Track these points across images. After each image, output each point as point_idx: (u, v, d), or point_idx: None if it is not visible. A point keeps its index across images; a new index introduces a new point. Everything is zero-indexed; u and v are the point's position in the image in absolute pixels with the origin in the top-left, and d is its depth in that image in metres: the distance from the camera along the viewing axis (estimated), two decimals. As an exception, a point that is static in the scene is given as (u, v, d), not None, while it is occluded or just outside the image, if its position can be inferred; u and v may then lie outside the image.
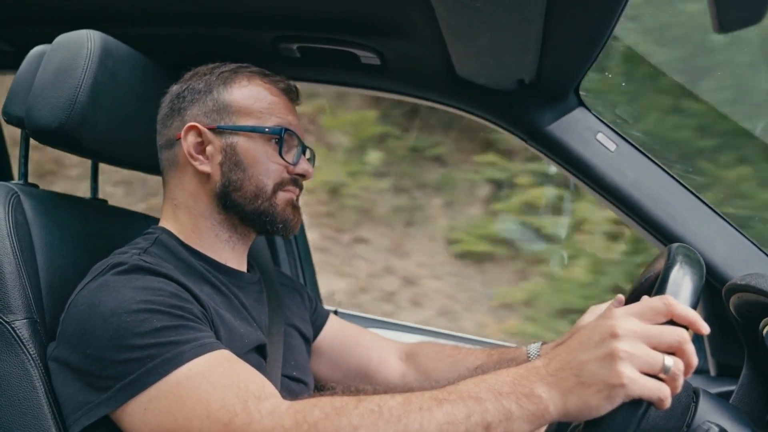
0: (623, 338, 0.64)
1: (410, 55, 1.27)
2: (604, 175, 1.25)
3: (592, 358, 0.65)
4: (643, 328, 0.65)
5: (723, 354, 1.27)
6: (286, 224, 1.06)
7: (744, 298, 0.89)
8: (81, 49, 1.04)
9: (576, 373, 0.66)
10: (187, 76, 1.10)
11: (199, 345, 0.81)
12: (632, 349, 0.63)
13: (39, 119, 1.02)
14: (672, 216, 1.22)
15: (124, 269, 0.89)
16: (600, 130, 1.27)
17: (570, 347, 0.68)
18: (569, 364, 0.67)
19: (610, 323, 0.66)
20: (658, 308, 0.66)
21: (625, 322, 0.65)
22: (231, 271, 1.07)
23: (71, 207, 1.10)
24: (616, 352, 0.63)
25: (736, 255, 1.20)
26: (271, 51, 1.34)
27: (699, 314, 1.26)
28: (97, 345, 0.81)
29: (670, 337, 0.64)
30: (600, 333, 0.66)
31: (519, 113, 1.30)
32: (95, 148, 1.09)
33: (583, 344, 0.67)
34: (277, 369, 1.06)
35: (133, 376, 0.79)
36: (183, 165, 1.05)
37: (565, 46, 1.07)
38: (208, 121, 1.04)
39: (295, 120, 1.09)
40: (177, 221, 1.06)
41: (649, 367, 0.63)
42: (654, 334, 0.64)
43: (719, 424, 0.70)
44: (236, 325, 0.97)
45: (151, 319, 0.81)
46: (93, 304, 0.84)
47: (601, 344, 0.65)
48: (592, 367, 0.65)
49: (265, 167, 1.04)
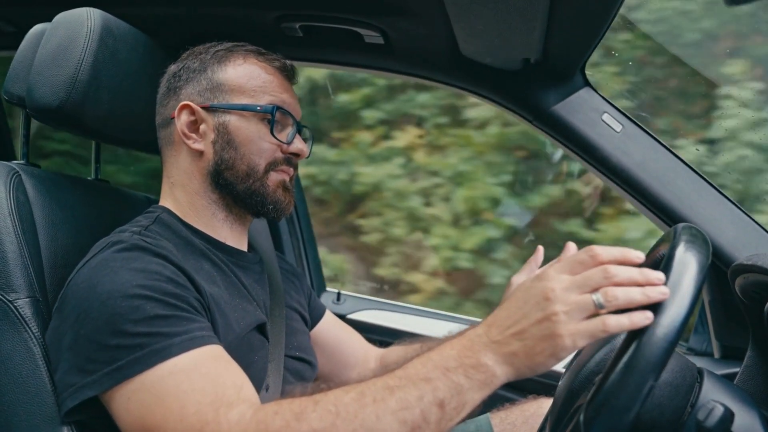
0: (556, 299, 0.68)
1: (414, 34, 1.25)
2: (610, 156, 1.24)
3: (532, 322, 0.69)
4: (572, 280, 0.69)
5: (727, 336, 1.26)
6: (276, 206, 1.06)
7: (750, 278, 0.89)
8: (81, 27, 1.03)
9: (518, 337, 0.70)
10: (185, 55, 1.09)
11: (189, 338, 0.82)
12: (565, 305, 0.68)
13: (39, 98, 1.01)
14: (678, 197, 1.21)
15: (123, 247, 0.89)
16: (606, 110, 1.26)
17: (509, 312, 0.72)
18: (510, 329, 0.70)
19: (542, 286, 0.70)
20: (584, 260, 0.70)
21: (556, 282, 0.69)
22: (231, 249, 1.07)
23: (73, 187, 1.10)
24: (552, 312, 0.68)
25: (742, 237, 1.19)
26: (273, 30, 1.33)
27: (704, 297, 1.27)
28: (91, 326, 0.81)
29: (595, 277, 0.68)
30: (535, 296, 0.70)
31: (524, 93, 1.29)
32: (97, 128, 1.08)
33: (521, 309, 0.71)
34: (280, 350, 1.05)
35: (121, 362, 0.79)
36: (178, 143, 1.05)
37: (572, 22, 1.05)
38: (202, 99, 1.04)
39: (290, 98, 1.08)
40: (175, 200, 1.06)
41: (585, 312, 0.68)
42: (580, 283, 0.68)
43: (724, 403, 0.70)
44: (235, 304, 0.97)
45: (145, 306, 0.81)
46: (91, 284, 0.84)
47: (537, 307, 0.69)
48: (533, 330, 0.69)
49: (257, 146, 1.03)
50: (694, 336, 1.39)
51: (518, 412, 1.19)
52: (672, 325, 0.63)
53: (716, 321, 1.27)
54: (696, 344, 1.37)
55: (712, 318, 1.28)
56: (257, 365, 0.98)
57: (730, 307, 1.24)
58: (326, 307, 1.37)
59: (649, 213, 1.26)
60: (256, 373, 0.97)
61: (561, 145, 1.30)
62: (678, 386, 0.72)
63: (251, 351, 0.98)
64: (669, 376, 0.72)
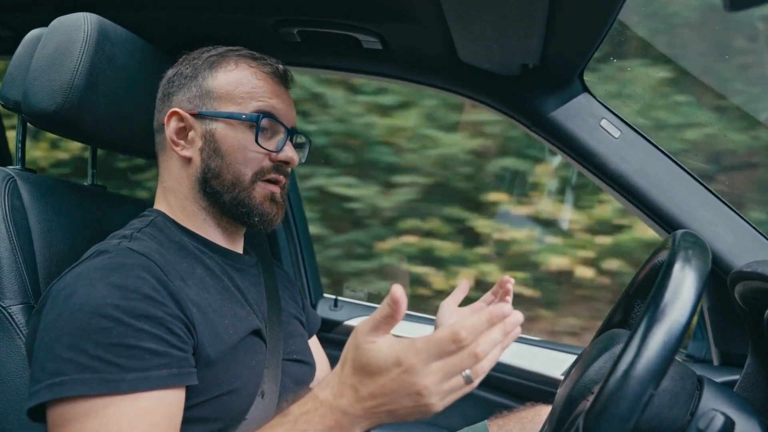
0: (431, 394, 0.69)
1: (412, 39, 1.25)
2: (609, 162, 1.24)
3: (407, 408, 0.71)
4: (443, 371, 0.69)
5: (726, 344, 1.26)
6: (262, 218, 1.04)
7: (749, 285, 0.88)
8: (78, 32, 1.03)
9: (390, 413, 0.72)
10: (180, 60, 1.09)
11: (143, 378, 0.79)
12: (439, 394, 0.70)
13: (36, 103, 1.01)
14: (677, 204, 1.21)
15: (107, 258, 0.87)
16: (604, 116, 1.26)
17: (383, 392, 0.71)
18: (384, 408, 0.71)
19: (413, 381, 0.69)
20: (449, 349, 0.69)
21: (429, 378, 0.69)
22: (228, 252, 1.06)
23: (69, 192, 1.09)
24: (427, 403, 0.70)
25: (741, 243, 1.18)
26: (271, 35, 1.33)
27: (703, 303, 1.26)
28: (54, 334, 0.79)
29: (464, 363, 0.69)
30: (407, 389, 0.70)
31: (522, 99, 1.29)
32: (93, 133, 1.08)
33: (394, 395, 0.70)
34: (277, 356, 1.04)
35: (65, 377, 0.76)
36: (169, 149, 1.05)
37: (570, 28, 1.05)
38: (191, 106, 1.03)
39: (280, 104, 1.05)
40: (168, 204, 1.05)
41: (457, 391, 0.70)
42: (451, 372, 0.69)
43: (724, 412, 0.69)
44: (225, 311, 0.96)
45: (113, 330, 0.78)
46: (68, 293, 0.82)
47: (410, 399, 0.70)
48: (406, 413, 0.71)
49: (243, 155, 1.01)
50: (693, 343, 1.38)
51: (516, 420, 1.19)
52: (672, 332, 0.63)
53: (715, 328, 1.26)
54: (695, 351, 1.37)
55: (711, 325, 1.27)
56: (256, 369, 0.97)
57: (729, 314, 1.23)
58: (319, 322, 1.34)
59: (647, 219, 1.25)
60: (252, 377, 0.96)
61: (559, 151, 1.29)
62: (678, 394, 0.71)
63: (249, 355, 0.96)
64: (669, 384, 0.72)
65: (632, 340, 0.65)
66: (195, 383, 0.85)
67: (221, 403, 0.90)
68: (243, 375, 0.94)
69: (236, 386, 0.92)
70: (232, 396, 0.92)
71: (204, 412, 0.89)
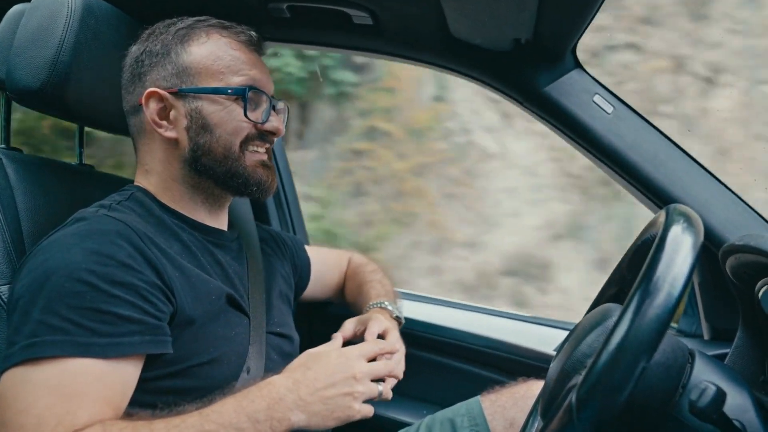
0: (359, 381, 0.90)
1: (403, 14, 1.23)
2: (601, 138, 1.23)
3: (339, 393, 0.88)
4: (369, 369, 0.93)
5: (717, 318, 1.27)
6: (260, 186, 1.04)
7: (741, 259, 0.88)
8: (62, 6, 1.01)
9: (324, 401, 0.87)
10: (144, 35, 1.04)
11: (113, 344, 0.80)
12: (363, 388, 0.91)
13: (20, 80, 0.99)
14: (669, 179, 1.21)
15: (84, 224, 0.88)
16: (597, 91, 1.25)
17: (318, 376, 0.88)
18: (318, 393, 0.87)
19: (350, 365, 0.91)
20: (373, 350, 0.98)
21: (359, 367, 0.92)
22: (208, 228, 1.06)
23: (57, 172, 1.08)
24: (356, 391, 0.90)
25: (733, 218, 1.19)
26: (260, 11, 1.30)
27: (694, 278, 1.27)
28: (29, 298, 0.80)
29: (383, 371, 0.96)
30: (343, 372, 0.90)
31: (515, 75, 1.27)
32: (79, 111, 1.06)
33: (330, 378, 0.89)
34: (261, 331, 1.05)
35: (38, 339, 0.77)
36: (150, 132, 1.02)
37: (563, 2, 1.04)
38: (169, 85, 1.00)
39: (259, 74, 1.04)
40: (149, 183, 1.04)
41: (370, 396, 0.92)
42: (374, 372, 0.94)
43: (715, 383, 0.69)
44: (204, 280, 0.96)
45: (86, 294, 0.80)
46: (44, 258, 0.83)
47: (345, 383, 0.89)
48: (338, 400, 0.88)
49: (231, 127, 1.00)
50: (684, 318, 1.39)
51: (508, 395, 1.19)
52: (665, 305, 0.63)
53: (706, 303, 1.27)
54: (686, 326, 1.38)
55: (702, 300, 1.28)
56: (236, 341, 0.98)
57: (720, 289, 1.24)
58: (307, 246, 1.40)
59: (640, 195, 1.25)
60: (235, 350, 0.97)
61: (552, 126, 1.28)
62: (670, 367, 0.72)
63: (228, 326, 0.98)
64: (661, 356, 0.72)
65: (625, 313, 0.65)
66: (169, 351, 0.87)
67: (203, 372, 0.91)
68: (222, 345, 0.95)
69: (216, 355, 0.93)
70: (214, 366, 0.93)
71: (187, 382, 0.90)
